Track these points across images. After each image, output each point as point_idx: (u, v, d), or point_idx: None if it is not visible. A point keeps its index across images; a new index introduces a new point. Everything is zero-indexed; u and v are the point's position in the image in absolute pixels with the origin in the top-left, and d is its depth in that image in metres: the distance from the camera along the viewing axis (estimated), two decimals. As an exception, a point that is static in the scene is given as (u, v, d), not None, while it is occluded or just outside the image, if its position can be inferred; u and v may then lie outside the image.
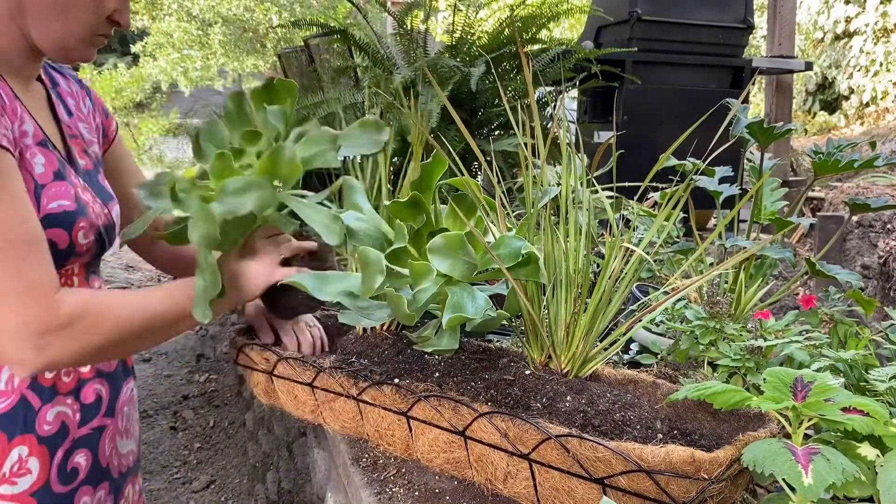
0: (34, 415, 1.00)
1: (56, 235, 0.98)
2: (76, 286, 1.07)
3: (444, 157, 1.02)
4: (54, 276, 0.92)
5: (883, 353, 1.09)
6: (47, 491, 1.01)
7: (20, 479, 0.99)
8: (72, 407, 1.05)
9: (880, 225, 3.35)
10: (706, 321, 1.12)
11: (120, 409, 1.15)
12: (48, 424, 1.01)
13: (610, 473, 0.75)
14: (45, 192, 0.98)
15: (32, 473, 0.99)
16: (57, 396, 1.02)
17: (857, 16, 9.02)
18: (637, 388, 1.00)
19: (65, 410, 1.04)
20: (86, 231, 1.03)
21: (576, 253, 0.95)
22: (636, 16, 3.89)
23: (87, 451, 1.07)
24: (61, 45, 1.02)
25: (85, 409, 1.07)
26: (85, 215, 1.03)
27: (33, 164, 0.98)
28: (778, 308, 1.66)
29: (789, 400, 0.70)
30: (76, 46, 1.03)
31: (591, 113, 4.19)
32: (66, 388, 1.04)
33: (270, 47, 10.95)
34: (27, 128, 1.00)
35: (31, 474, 0.99)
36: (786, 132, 1.26)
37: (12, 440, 0.98)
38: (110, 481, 1.13)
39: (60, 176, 1.02)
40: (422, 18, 2.67)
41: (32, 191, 0.96)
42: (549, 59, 2.62)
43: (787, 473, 0.62)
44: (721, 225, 1.15)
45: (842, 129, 8.75)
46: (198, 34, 11.38)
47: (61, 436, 1.03)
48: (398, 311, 0.92)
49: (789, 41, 5.16)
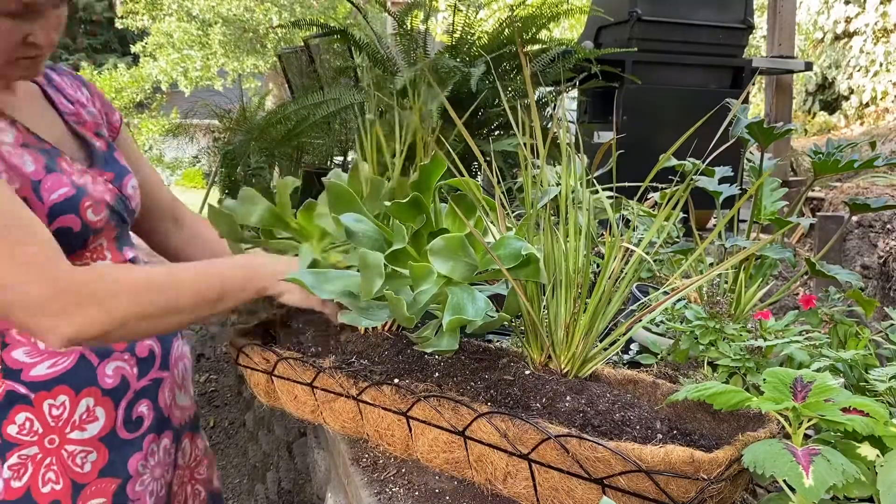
0: (94, 370, 1.12)
1: (68, 221, 1.06)
2: (109, 259, 1.16)
3: (444, 157, 1.02)
4: (53, 251, 0.96)
5: (883, 353, 1.09)
6: (114, 436, 1.14)
7: (89, 426, 1.11)
8: (128, 362, 1.16)
9: (880, 225, 3.35)
10: (706, 321, 1.12)
11: (174, 363, 1.27)
12: (109, 378, 1.13)
13: (609, 473, 0.75)
14: (43, 186, 1.04)
15: (99, 420, 1.12)
16: (113, 353, 1.14)
17: (857, 16, 9.02)
18: (637, 388, 1.00)
19: (122, 365, 1.15)
20: (94, 208, 1.10)
21: (576, 253, 0.95)
22: (636, 16, 3.89)
23: (148, 402, 1.19)
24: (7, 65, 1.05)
25: (141, 362, 1.18)
26: (87, 194, 1.09)
27: (22, 165, 1.03)
28: (778, 308, 1.66)
29: (789, 400, 0.70)
30: (8, 71, 1.07)
31: (590, 113, 4.19)
32: (121, 345, 1.15)
33: (270, 47, 10.96)
34: (4, 136, 1.05)
35: (98, 421, 1.12)
36: (786, 132, 1.26)
37: (79, 393, 1.10)
38: (173, 431, 1.26)
39: (50, 169, 1.07)
40: (422, 19, 2.67)
41: (31, 188, 1.02)
42: (549, 60, 2.62)
43: (788, 475, 0.62)
44: (720, 225, 1.15)
45: (842, 130, 8.76)
46: (198, 34, 11.39)
47: (123, 388, 1.15)
48: (398, 314, 0.92)
49: (789, 41, 5.17)
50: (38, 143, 1.10)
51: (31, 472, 1.08)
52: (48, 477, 1.09)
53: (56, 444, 1.09)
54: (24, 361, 1.07)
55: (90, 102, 1.29)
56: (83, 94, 1.28)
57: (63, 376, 1.09)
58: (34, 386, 1.08)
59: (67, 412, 1.09)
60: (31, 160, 1.05)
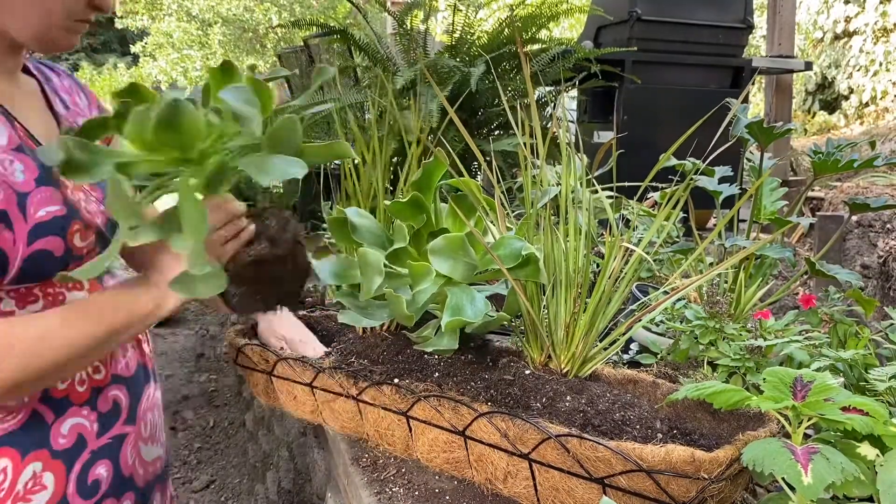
0: (48, 429, 0.96)
1: (50, 243, 0.93)
2: (86, 289, 1.03)
3: (445, 157, 1.02)
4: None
5: (882, 353, 1.09)
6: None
7: (35, 496, 0.95)
8: (88, 417, 1.01)
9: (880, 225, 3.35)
10: (706, 321, 1.12)
11: (142, 415, 1.11)
12: (63, 438, 0.98)
13: (610, 473, 0.75)
14: (31, 201, 0.92)
15: (48, 489, 0.96)
16: (71, 408, 0.98)
17: (857, 15, 9.03)
18: (637, 387, 1.00)
19: (81, 422, 1.00)
20: (82, 233, 0.98)
21: (575, 253, 0.95)
22: (636, 16, 3.89)
23: (107, 462, 1.03)
24: (41, 36, 0.97)
25: (103, 417, 1.03)
26: (77, 217, 0.98)
27: (11, 174, 0.92)
28: (778, 308, 1.66)
29: (789, 400, 0.70)
30: (57, 35, 0.97)
31: (590, 113, 4.19)
32: (81, 398, 1.00)
33: (270, 47, 10.96)
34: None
35: (46, 490, 0.96)
36: (785, 132, 1.26)
37: (25, 457, 0.94)
38: (135, 491, 1.09)
39: (43, 180, 0.95)
40: (421, 18, 2.67)
41: (16, 202, 0.90)
42: (549, 59, 2.62)
43: (787, 473, 0.62)
44: (720, 224, 1.15)
45: (841, 129, 8.76)
46: (198, 34, 11.39)
47: (78, 448, 0.99)
48: (397, 312, 0.92)
49: (789, 41, 5.17)
50: (33, 145, 0.98)
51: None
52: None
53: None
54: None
55: (87, 109, 1.18)
56: (81, 99, 1.18)
57: (7, 437, 0.93)
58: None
59: (9, 481, 0.93)
60: (23, 168, 0.94)
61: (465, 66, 2.39)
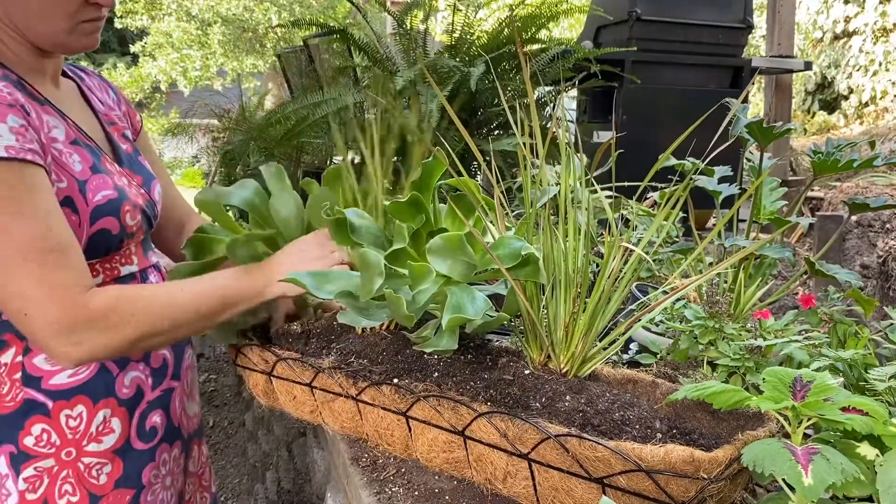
0: (113, 381, 1.12)
1: (108, 223, 1.07)
2: (136, 263, 1.17)
3: (444, 157, 1.02)
4: (81, 277, 0.97)
5: (882, 353, 1.09)
6: (129, 447, 1.14)
7: (105, 438, 1.11)
8: (144, 372, 1.17)
9: (879, 224, 3.35)
10: (705, 321, 1.12)
11: (184, 372, 1.28)
12: (126, 388, 1.13)
13: (609, 473, 0.75)
14: (89, 187, 1.05)
15: (115, 432, 1.12)
16: (130, 363, 1.14)
17: (857, 15, 9.03)
18: (636, 387, 1.00)
19: (139, 375, 1.16)
20: (132, 212, 1.12)
21: (575, 252, 0.95)
22: (635, 15, 3.89)
23: (161, 412, 1.20)
24: (54, 41, 1.06)
25: (155, 372, 1.19)
26: (127, 199, 1.11)
27: (71, 164, 1.04)
28: (777, 308, 1.66)
29: (789, 400, 0.70)
30: (67, 39, 1.06)
31: (590, 113, 4.19)
32: (137, 356, 1.16)
33: (270, 47, 10.96)
34: (56, 133, 1.05)
35: (114, 433, 1.12)
36: (785, 132, 1.26)
37: (97, 403, 1.10)
38: (182, 440, 1.26)
39: (96, 169, 1.08)
40: (421, 18, 2.67)
41: (77, 189, 1.03)
42: (549, 59, 2.62)
43: (787, 473, 0.62)
44: (720, 224, 1.15)
45: (841, 129, 8.76)
46: (197, 34, 11.39)
47: (137, 398, 1.15)
48: (397, 313, 0.92)
49: (788, 41, 5.17)
50: (85, 139, 1.11)
51: (48, 484, 1.07)
52: (64, 489, 1.08)
53: (73, 456, 1.08)
54: (45, 369, 1.06)
55: (116, 105, 1.30)
56: (110, 96, 1.30)
57: (82, 386, 1.09)
58: (53, 395, 1.06)
59: (84, 424, 1.09)
60: (79, 159, 1.06)
61: (464, 66, 2.39)
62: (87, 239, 1.05)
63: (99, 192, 1.06)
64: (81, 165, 1.06)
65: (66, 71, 1.22)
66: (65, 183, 1.02)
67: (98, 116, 1.21)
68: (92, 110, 1.21)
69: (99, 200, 1.06)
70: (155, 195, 1.23)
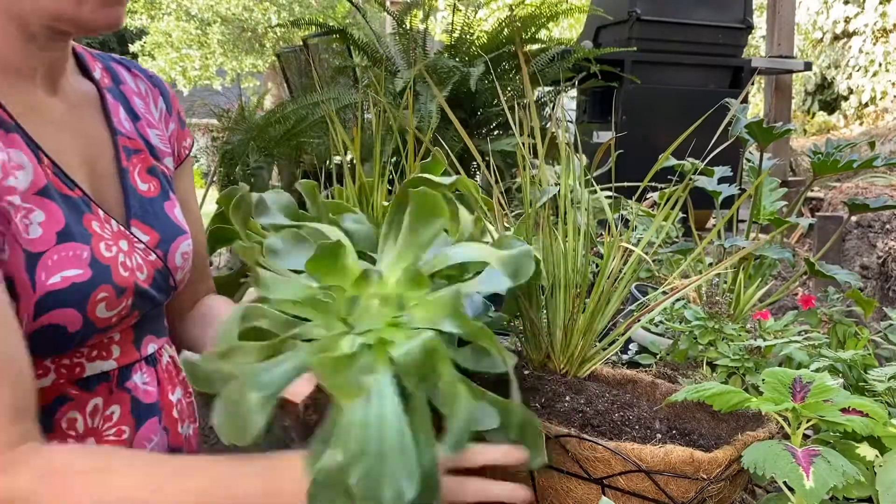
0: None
1: (63, 317, 0.73)
2: (116, 356, 0.82)
3: (443, 157, 1.02)
4: (7, 425, 0.61)
5: (882, 354, 1.09)
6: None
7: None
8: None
9: (879, 225, 3.35)
10: (705, 321, 1.12)
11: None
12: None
13: (609, 473, 0.75)
14: (45, 262, 0.72)
15: None
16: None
17: (857, 16, 9.03)
18: (636, 387, 0.99)
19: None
20: (110, 301, 0.77)
21: (574, 253, 0.95)
22: (635, 15, 3.89)
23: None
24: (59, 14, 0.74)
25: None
26: (106, 281, 0.76)
27: (23, 227, 0.72)
28: (777, 308, 1.66)
29: (789, 401, 0.70)
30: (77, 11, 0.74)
31: (590, 113, 4.19)
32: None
33: (269, 47, 10.96)
34: (17, 179, 0.72)
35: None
36: (785, 132, 1.26)
37: None
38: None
39: (68, 234, 0.75)
40: (421, 18, 2.67)
41: (24, 265, 0.71)
42: (549, 59, 2.62)
43: (789, 477, 0.62)
44: (719, 224, 1.15)
45: (841, 130, 8.77)
46: (196, 34, 11.40)
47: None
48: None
49: (788, 41, 5.17)
50: (63, 187, 0.77)
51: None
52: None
53: None
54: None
55: (163, 121, 0.95)
56: (157, 107, 0.95)
57: None
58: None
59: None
60: (42, 220, 0.73)
61: (464, 66, 2.39)
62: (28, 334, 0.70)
63: (58, 272, 0.72)
64: (42, 230, 0.73)
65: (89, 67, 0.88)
66: (5, 254, 0.70)
67: (115, 138, 0.87)
68: (109, 130, 0.87)
69: (56, 283, 0.72)
70: (175, 259, 0.87)
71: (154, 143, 0.91)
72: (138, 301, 0.81)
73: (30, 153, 0.74)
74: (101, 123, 0.86)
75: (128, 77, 0.93)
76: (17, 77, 0.76)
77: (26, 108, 0.76)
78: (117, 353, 0.82)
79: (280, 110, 2.71)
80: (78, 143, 0.82)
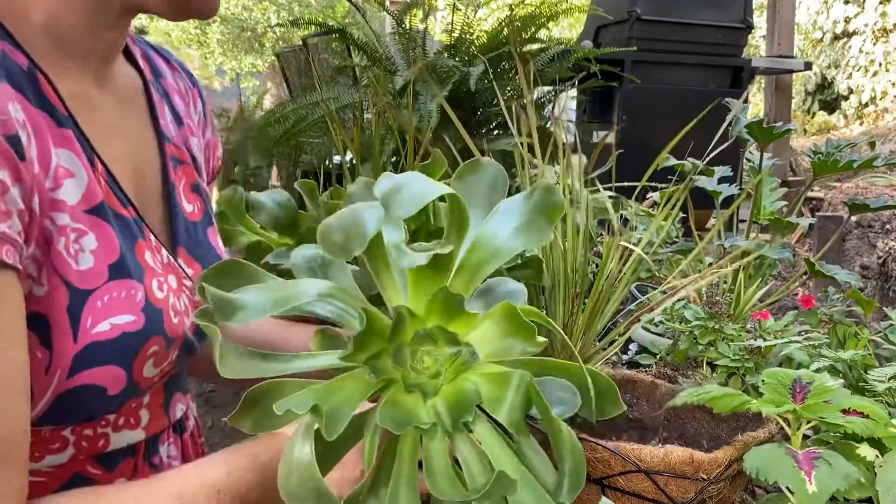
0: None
1: (104, 375, 0.56)
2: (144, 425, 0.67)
3: (442, 158, 1.02)
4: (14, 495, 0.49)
5: (882, 354, 1.09)
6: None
7: None
8: None
9: (879, 225, 3.35)
10: (705, 321, 1.12)
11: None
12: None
13: (608, 474, 0.75)
14: (91, 305, 0.55)
15: None
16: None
17: (857, 16, 9.03)
18: (636, 388, 0.99)
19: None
20: (159, 355, 0.61)
21: (574, 253, 0.95)
22: (635, 15, 3.89)
23: None
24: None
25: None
26: (159, 331, 0.60)
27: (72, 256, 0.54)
28: (777, 308, 1.65)
29: (789, 403, 0.70)
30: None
31: (590, 113, 4.19)
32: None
33: (269, 46, 10.96)
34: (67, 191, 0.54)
35: None
36: (785, 132, 1.25)
37: None
38: None
39: (121, 267, 0.57)
40: (420, 18, 2.67)
41: (65, 303, 0.54)
42: (548, 59, 2.62)
43: (791, 481, 0.61)
44: (718, 224, 1.15)
45: (841, 130, 8.76)
46: (196, 33, 11.40)
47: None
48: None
49: (788, 41, 5.17)
50: (116, 203, 0.60)
51: None
52: None
53: None
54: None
55: (200, 128, 0.78)
56: (195, 112, 0.77)
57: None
58: None
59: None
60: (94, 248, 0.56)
61: (464, 66, 2.39)
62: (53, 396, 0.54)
63: (107, 318, 0.56)
64: (94, 260, 0.55)
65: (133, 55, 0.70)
66: (44, 288, 0.53)
67: (162, 146, 0.69)
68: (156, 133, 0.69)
69: (102, 333, 0.55)
70: None
71: (195, 154, 0.75)
72: (182, 353, 0.67)
73: (83, 157, 0.57)
74: (148, 125, 0.69)
75: (167, 70, 0.75)
76: (75, 61, 0.59)
77: (76, 100, 0.59)
78: (146, 420, 0.66)
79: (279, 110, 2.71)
80: (126, 148, 0.64)
